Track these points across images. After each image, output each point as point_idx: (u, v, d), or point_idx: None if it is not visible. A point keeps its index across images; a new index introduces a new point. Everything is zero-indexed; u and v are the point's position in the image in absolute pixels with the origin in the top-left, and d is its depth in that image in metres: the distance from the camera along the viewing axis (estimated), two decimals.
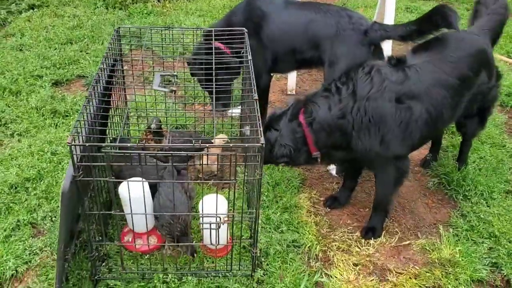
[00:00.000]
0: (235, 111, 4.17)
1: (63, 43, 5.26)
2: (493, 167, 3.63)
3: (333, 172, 3.61)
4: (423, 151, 3.84)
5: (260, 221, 2.96)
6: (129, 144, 2.31)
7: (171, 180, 2.62)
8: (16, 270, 2.71)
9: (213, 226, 2.43)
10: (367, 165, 3.04)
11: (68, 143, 2.09)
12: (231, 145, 2.24)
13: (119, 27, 3.27)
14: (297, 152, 2.82)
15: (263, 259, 2.81)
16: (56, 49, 5.10)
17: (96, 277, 2.62)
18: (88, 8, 6.16)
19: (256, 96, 2.51)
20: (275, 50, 3.49)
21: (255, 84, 2.68)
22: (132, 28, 3.34)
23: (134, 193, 2.52)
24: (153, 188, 2.83)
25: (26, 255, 2.80)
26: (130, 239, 2.88)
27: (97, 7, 6.21)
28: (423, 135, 2.85)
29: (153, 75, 4.24)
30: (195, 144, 2.58)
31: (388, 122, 2.65)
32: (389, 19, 4.35)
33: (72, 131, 2.17)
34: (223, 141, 3.25)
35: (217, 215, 2.38)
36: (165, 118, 3.77)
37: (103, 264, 2.71)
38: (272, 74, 3.77)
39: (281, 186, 3.39)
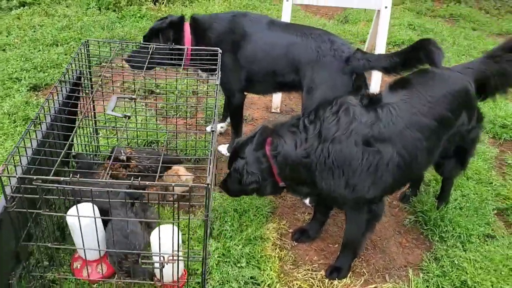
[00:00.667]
0: (218, 126, 4.05)
1: (48, 45, 5.14)
2: (475, 207, 3.44)
3: (306, 201, 3.45)
4: None
5: (217, 255, 2.82)
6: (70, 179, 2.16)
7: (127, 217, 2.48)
8: None
9: (157, 264, 2.28)
10: (335, 204, 2.88)
11: None
12: (172, 184, 2.07)
13: (87, 40, 3.14)
14: (264, 181, 2.75)
15: None
16: (40, 50, 4.98)
17: None
18: (81, 8, 6.04)
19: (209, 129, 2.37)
20: (252, 71, 3.36)
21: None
22: (101, 41, 3.19)
23: (83, 220, 2.38)
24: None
25: None
26: (79, 266, 2.75)
27: (90, 7, 6.08)
28: (397, 179, 2.68)
29: (134, 85, 4.20)
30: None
31: (353, 165, 2.51)
32: (380, 50, 4.22)
33: (6, 160, 2.03)
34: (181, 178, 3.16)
35: (161, 254, 2.24)
36: (136, 133, 3.65)
37: None
38: (245, 94, 3.63)
39: (248, 214, 3.23)
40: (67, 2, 6.15)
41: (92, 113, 3.35)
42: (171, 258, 2.27)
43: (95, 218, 2.24)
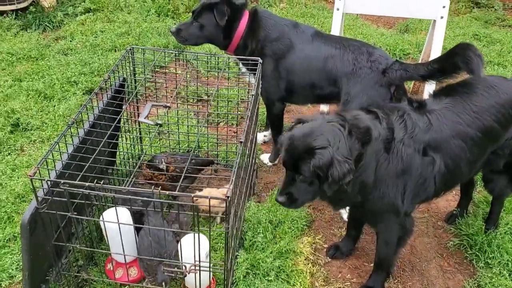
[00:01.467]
0: (261, 135, 4.06)
1: (107, 50, 5.35)
2: None
3: (345, 216, 3.35)
4: (452, 203, 3.49)
5: (245, 266, 2.79)
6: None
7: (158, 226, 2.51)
8: (0, 284, 2.75)
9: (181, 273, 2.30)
10: (367, 217, 2.74)
11: (29, 175, 2.05)
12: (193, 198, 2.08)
13: (132, 47, 3.23)
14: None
15: None
16: (98, 55, 5.19)
17: None
18: (141, 15, 6.24)
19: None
20: (291, 82, 3.35)
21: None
22: (145, 48, 3.29)
23: (113, 225, 2.45)
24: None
25: (12, 270, 2.83)
26: (111, 268, 2.83)
27: (149, 14, 6.27)
28: (437, 191, 2.57)
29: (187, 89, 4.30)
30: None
31: (413, 174, 2.40)
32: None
33: (38, 164, 2.13)
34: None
35: (183, 263, 2.25)
36: (187, 136, 3.73)
37: None
38: (285, 104, 3.61)
39: (283, 226, 3.18)
40: (129, 8, 6.38)
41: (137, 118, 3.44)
42: (193, 267, 2.28)
43: (119, 224, 2.29)
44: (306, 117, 2.38)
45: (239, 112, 4.15)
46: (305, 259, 3.03)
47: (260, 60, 3.10)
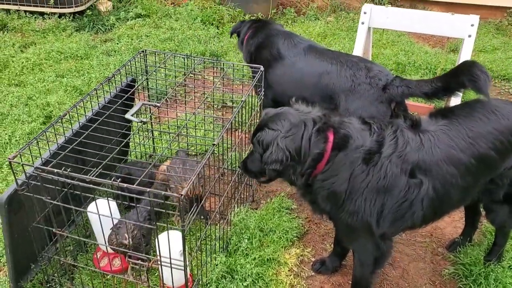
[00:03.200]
0: None
1: (148, 54, 5.59)
2: None
3: None
4: (459, 230, 3.31)
5: (224, 269, 2.82)
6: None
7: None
8: None
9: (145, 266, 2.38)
10: (343, 234, 2.67)
11: (9, 159, 2.22)
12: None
13: (145, 50, 3.39)
14: (295, 165, 2.30)
15: None
16: (138, 58, 5.44)
17: (48, 285, 2.74)
18: (187, 22, 6.48)
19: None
20: (278, 93, 3.36)
21: None
22: (156, 52, 3.45)
23: (96, 215, 2.57)
24: None
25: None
26: (98, 256, 2.97)
27: (195, 22, 6.49)
28: (426, 217, 2.45)
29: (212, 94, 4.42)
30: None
31: (393, 194, 2.31)
32: None
33: (20, 149, 2.31)
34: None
35: (146, 257, 2.32)
36: (187, 140, 3.83)
37: (64, 275, 2.83)
38: None
39: (272, 235, 3.17)
40: (177, 16, 6.64)
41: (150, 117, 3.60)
42: (156, 262, 2.34)
43: (99, 216, 2.40)
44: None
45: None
46: (288, 270, 3.00)
47: (262, 68, 3.14)
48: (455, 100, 3.90)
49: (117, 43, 5.92)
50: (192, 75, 5.15)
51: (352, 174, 2.28)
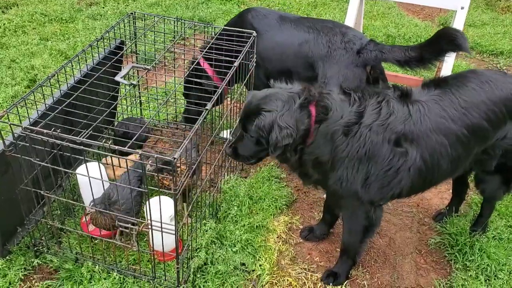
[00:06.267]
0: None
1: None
2: None
3: (324, 195, 3.29)
4: (446, 201, 3.35)
5: (213, 234, 2.81)
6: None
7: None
8: None
9: (135, 230, 2.36)
10: (333, 202, 2.69)
11: None
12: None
13: (134, 12, 3.30)
14: (294, 143, 2.29)
15: (198, 275, 2.67)
16: (125, 22, 5.31)
17: (35, 249, 2.71)
18: None
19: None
20: (268, 69, 3.32)
21: None
22: (146, 14, 3.36)
23: (85, 178, 2.52)
24: None
25: None
26: (85, 220, 2.93)
27: None
28: (414, 186, 2.46)
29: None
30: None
31: (378, 163, 2.32)
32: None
33: (8, 109, 2.24)
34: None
35: (135, 220, 2.30)
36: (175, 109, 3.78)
37: (52, 239, 2.80)
38: None
39: (262, 203, 3.18)
40: None
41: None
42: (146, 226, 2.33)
43: (89, 178, 2.35)
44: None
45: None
46: (277, 237, 3.02)
47: (255, 33, 3.09)
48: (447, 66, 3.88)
49: (103, 7, 5.76)
50: (181, 41, 5.05)
51: (333, 145, 2.29)
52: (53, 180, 2.83)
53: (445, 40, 2.60)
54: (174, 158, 2.02)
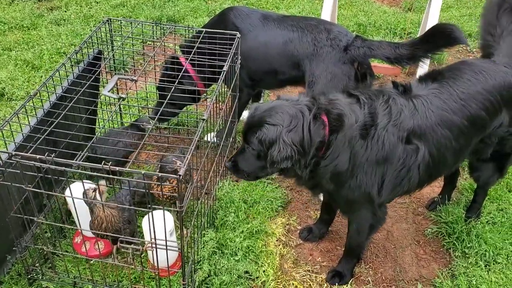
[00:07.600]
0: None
1: (100, 21, 5.26)
2: None
3: (321, 197, 3.27)
4: (437, 189, 3.39)
5: (212, 245, 2.74)
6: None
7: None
8: None
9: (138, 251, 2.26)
10: (342, 206, 2.63)
11: None
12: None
13: (109, 19, 3.16)
14: (302, 158, 2.19)
15: None
16: (91, 27, 5.12)
17: (29, 276, 2.57)
18: None
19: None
20: (252, 69, 3.27)
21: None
22: (123, 21, 3.22)
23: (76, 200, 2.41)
24: None
25: None
26: (79, 241, 2.81)
27: None
28: (420, 182, 2.46)
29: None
30: None
31: (393, 163, 2.29)
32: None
33: None
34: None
35: (138, 240, 2.21)
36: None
37: (45, 264, 2.66)
38: (255, 90, 3.59)
39: (257, 207, 3.12)
40: None
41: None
42: (150, 244, 2.24)
43: (73, 199, 2.24)
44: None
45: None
46: (276, 240, 2.98)
47: (239, 35, 3.01)
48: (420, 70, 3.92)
49: (65, 11, 5.52)
50: (150, 43, 4.91)
51: (352, 151, 2.23)
52: (41, 201, 2.69)
53: (441, 36, 2.59)
54: (180, 175, 1.94)
